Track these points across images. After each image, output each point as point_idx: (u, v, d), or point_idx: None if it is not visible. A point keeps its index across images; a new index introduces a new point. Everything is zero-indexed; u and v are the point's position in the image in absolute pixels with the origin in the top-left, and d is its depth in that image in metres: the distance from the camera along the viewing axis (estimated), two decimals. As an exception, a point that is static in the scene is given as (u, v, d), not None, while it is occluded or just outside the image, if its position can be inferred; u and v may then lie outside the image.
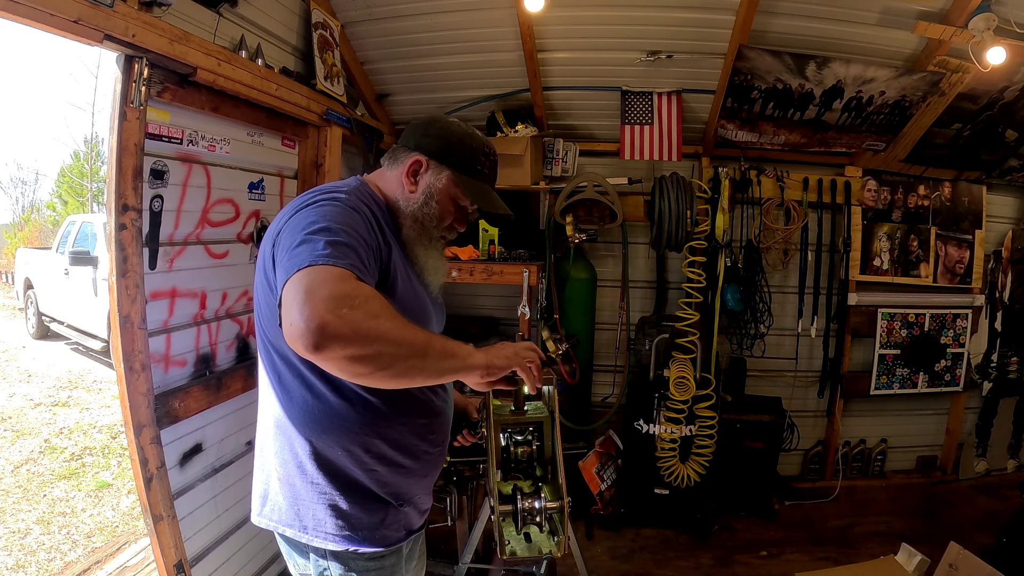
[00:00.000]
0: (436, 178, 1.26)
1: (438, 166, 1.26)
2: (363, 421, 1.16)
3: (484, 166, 1.30)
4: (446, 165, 1.26)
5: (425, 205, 1.26)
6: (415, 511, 1.30)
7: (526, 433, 1.50)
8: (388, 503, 1.22)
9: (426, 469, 1.30)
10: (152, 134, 1.86)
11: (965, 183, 3.77)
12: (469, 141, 1.28)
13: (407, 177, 1.26)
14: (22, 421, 4.93)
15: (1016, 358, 3.80)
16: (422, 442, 1.27)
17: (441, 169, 1.26)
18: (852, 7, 2.81)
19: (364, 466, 1.19)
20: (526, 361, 1.19)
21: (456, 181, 1.26)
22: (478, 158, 1.28)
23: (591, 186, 3.46)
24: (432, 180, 1.26)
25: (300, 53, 2.73)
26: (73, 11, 1.44)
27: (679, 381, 3.15)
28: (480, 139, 1.31)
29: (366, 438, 1.17)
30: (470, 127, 1.32)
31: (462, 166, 1.26)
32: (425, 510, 1.36)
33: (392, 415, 1.19)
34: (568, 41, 3.16)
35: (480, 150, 1.29)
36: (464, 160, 1.27)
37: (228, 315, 2.34)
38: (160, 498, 1.85)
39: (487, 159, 1.30)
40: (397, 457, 1.22)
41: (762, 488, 3.47)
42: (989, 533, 3.01)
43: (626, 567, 2.97)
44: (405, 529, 1.28)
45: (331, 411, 1.15)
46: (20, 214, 19.74)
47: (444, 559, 2.68)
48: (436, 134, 1.27)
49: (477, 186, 1.28)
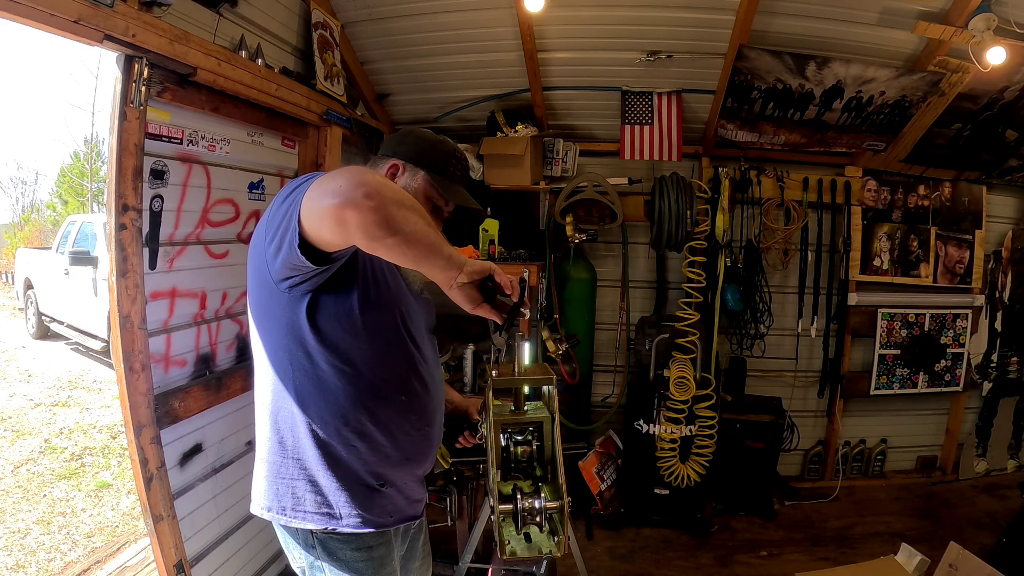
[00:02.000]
0: (412, 179, 1.34)
1: (413, 169, 1.35)
2: (344, 393, 1.21)
3: (455, 168, 1.40)
4: (420, 167, 1.35)
5: None
6: (400, 496, 1.31)
7: (526, 433, 1.50)
8: (369, 484, 1.25)
9: (408, 452, 1.32)
10: (152, 134, 1.86)
11: (965, 183, 3.77)
12: (440, 146, 1.40)
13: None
14: (22, 421, 4.93)
15: (1016, 358, 3.81)
16: (403, 421, 1.29)
17: (416, 171, 1.35)
18: (852, 7, 2.81)
19: (345, 441, 1.22)
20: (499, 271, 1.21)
21: (430, 181, 1.34)
22: (449, 160, 1.39)
23: (591, 186, 3.46)
24: (408, 181, 1.34)
25: (300, 53, 2.73)
26: (73, 11, 1.44)
27: (679, 381, 3.15)
28: (450, 145, 1.43)
29: (347, 409, 1.22)
30: (441, 136, 1.45)
31: (435, 168, 1.36)
32: (416, 499, 1.37)
33: (373, 388, 1.24)
34: (568, 41, 3.15)
35: (451, 154, 1.40)
36: (436, 163, 1.37)
37: (228, 315, 2.34)
38: (160, 498, 1.85)
39: (458, 162, 1.42)
40: (376, 434, 1.25)
41: (762, 488, 3.46)
42: (989, 533, 3.01)
43: (626, 567, 2.97)
44: (390, 515, 1.29)
45: (313, 382, 1.20)
46: (20, 214, 19.75)
47: (444, 559, 2.68)
48: (410, 142, 1.38)
49: (449, 185, 1.37)
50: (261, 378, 1.27)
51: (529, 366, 1.64)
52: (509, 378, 1.56)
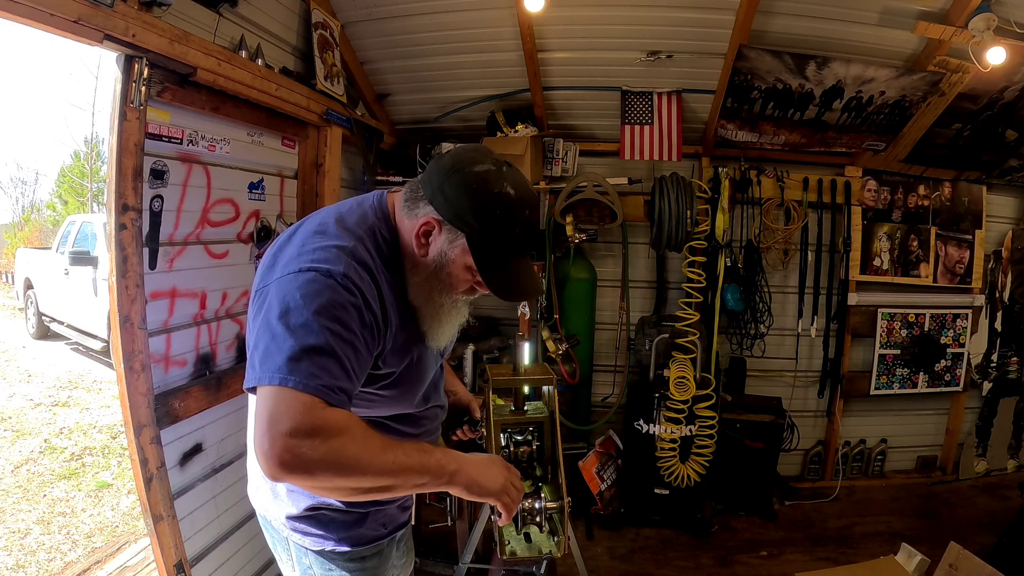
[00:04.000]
0: (450, 245, 1.05)
1: (453, 231, 1.04)
2: None
3: (510, 232, 1.04)
4: (462, 231, 1.04)
5: (436, 274, 1.09)
6: (393, 506, 1.29)
7: (526, 433, 1.50)
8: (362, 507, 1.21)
9: None
10: (152, 134, 1.86)
11: (965, 183, 3.77)
12: (492, 202, 1.02)
13: (418, 238, 1.07)
14: (22, 421, 4.93)
15: (1016, 358, 3.81)
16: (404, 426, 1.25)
17: (456, 236, 1.04)
18: (852, 7, 2.81)
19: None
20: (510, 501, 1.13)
21: (471, 251, 1.05)
22: (504, 226, 1.03)
23: (591, 186, 3.46)
24: (445, 247, 1.06)
25: (300, 53, 2.73)
26: (73, 11, 1.44)
27: (679, 381, 3.15)
28: (511, 198, 1.03)
29: None
30: (504, 171, 1.04)
31: (484, 236, 1.03)
32: (407, 506, 1.36)
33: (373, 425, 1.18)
34: (568, 41, 3.15)
35: (508, 214, 1.03)
36: (486, 226, 1.03)
37: (228, 315, 2.34)
38: (160, 498, 1.85)
39: (516, 224, 1.04)
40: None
41: (762, 488, 3.46)
42: (989, 533, 3.01)
43: (626, 567, 2.97)
44: (384, 526, 1.27)
45: None
46: (20, 214, 19.73)
47: (444, 559, 2.68)
48: (454, 189, 1.02)
49: (495, 263, 1.05)
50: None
51: (529, 366, 1.64)
52: (509, 378, 1.57)
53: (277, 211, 2.62)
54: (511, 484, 1.13)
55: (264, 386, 0.91)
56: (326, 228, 1.06)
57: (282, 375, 0.90)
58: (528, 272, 1.12)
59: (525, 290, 1.11)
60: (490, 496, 1.09)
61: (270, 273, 1.03)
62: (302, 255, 1.01)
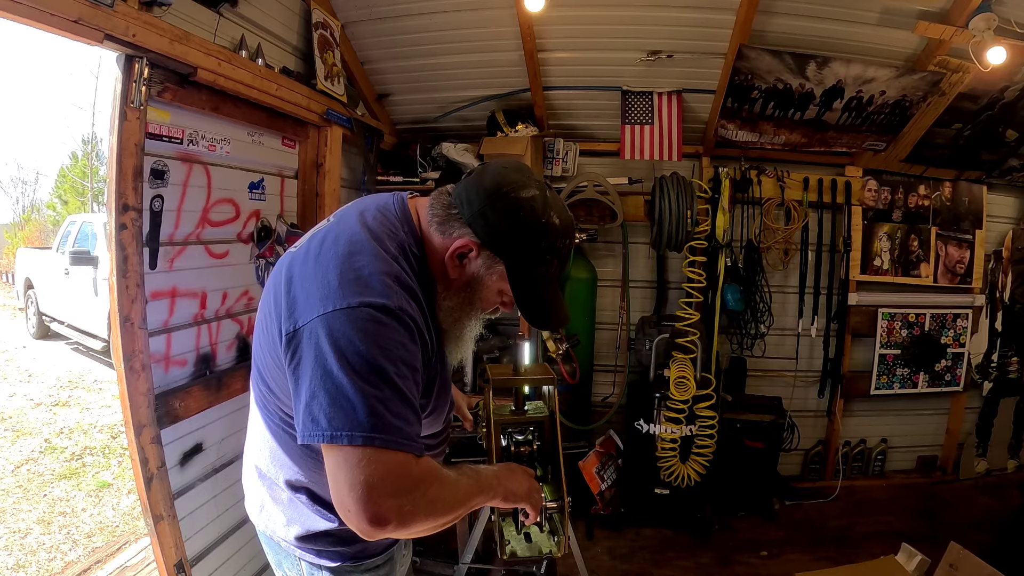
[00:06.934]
0: (487, 271, 1.04)
1: (491, 257, 1.03)
2: None
3: (551, 263, 1.05)
4: (501, 258, 1.03)
5: (468, 298, 1.08)
6: None
7: (526, 433, 1.50)
8: None
9: None
10: (152, 134, 1.86)
11: (965, 183, 3.76)
12: (538, 233, 1.01)
13: (452, 259, 1.04)
14: (22, 421, 4.93)
15: (1016, 358, 3.81)
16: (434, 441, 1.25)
17: (494, 261, 1.03)
18: (852, 7, 2.81)
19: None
20: (535, 503, 1.20)
21: (508, 279, 1.05)
22: (544, 255, 1.03)
23: (591, 186, 3.46)
24: (481, 271, 1.05)
25: (300, 53, 2.73)
26: (73, 11, 1.44)
27: (679, 381, 3.15)
28: (556, 228, 1.02)
29: None
30: (548, 197, 1.03)
31: (524, 263, 1.03)
32: None
33: None
34: (568, 41, 3.15)
35: (551, 245, 1.02)
36: (529, 257, 1.02)
37: (228, 315, 2.34)
38: (160, 498, 1.85)
39: (558, 254, 1.04)
40: None
41: (762, 488, 3.46)
42: (989, 533, 3.01)
43: (626, 567, 2.97)
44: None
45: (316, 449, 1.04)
46: (20, 214, 19.71)
47: (444, 559, 2.68)
48: (499, 216, 1.00)
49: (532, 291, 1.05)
50: (258, 425, 1.20)
51: (529, 366, 1.65)
52: (509, 378, 1.57)
53: (277, 211, 2.62)
54: (535, 492, 1.20)
55: (344, 446, 0.86)
56: (361, 247, 0.97)
57: (365, 433, 0.86)
58: (559, 301, 1.12)
59: (559, 319, 1.12)
60: (522, 500, 1.13)
61: (304, 304, 0.94)
62: (345, 285, 0.92)
